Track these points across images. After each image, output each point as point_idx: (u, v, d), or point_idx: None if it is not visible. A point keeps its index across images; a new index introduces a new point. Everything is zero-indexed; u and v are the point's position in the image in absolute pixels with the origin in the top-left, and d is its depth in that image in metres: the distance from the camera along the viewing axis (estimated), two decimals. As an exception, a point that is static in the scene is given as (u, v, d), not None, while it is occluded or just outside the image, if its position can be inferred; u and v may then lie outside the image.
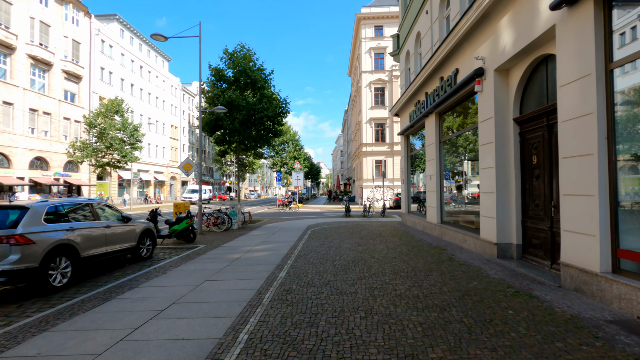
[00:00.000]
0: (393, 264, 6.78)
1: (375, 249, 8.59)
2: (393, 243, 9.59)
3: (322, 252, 8.42)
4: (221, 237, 11.92)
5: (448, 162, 10.58)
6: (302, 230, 13.08)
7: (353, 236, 11.16)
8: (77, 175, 34.05)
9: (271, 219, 19.17)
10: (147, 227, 8.46)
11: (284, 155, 40.16)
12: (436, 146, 10.75)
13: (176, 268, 7.08)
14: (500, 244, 6.77)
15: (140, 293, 5.33)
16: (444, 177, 10.71)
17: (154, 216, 10.57)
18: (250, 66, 17.34)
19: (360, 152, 37.20)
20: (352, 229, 13.18)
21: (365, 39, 35.51)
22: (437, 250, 8.26)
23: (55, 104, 31.55)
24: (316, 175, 78.30)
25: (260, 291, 5.21)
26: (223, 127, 16.67)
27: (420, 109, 11.90)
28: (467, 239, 8.23)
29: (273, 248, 9.28)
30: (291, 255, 8.13)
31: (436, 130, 10.77)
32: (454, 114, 9.94)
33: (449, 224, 10.04)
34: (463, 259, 7.08)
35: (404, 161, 15.33)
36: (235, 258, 7.98)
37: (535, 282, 5.19)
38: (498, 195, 6.78)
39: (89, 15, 35.96)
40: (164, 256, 8.64)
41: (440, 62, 9.51)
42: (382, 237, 10.96)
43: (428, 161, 11.50)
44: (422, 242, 9.67)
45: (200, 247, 9.86)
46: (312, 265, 6.92)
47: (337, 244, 9.64)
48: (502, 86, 6.86)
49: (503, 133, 6.82)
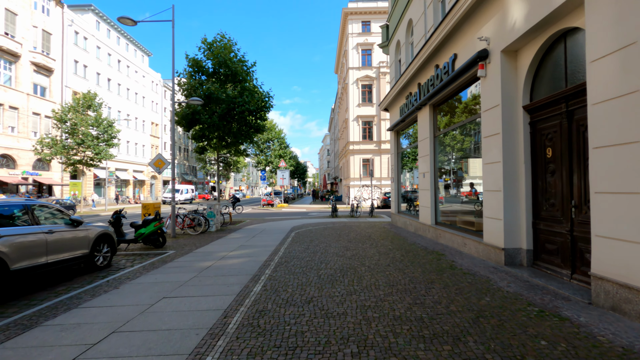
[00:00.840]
0: (387, 274, 5.87)
1: (365, 255, 7.67)
2: (384, 247, 8.70)
3: (306, 258, 7.45)
4: (196, 240, 10.82)
5: (444, 158, 9.77)
6: (286, 233, 12.08)
7: (340, 239, 10.24)
8: (48, 174, 32.07)
9: (254, 220, 18.09)
10: (104, 232, 7.32)
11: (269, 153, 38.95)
12: (430, 141, 9.92)
13: (133, 280, 6.00)
14: (509, 249, 5.94)
15: (75, 317, 4.25)
16: (439, 174, 9.90)
17: (118, 219, 9.39)
18: (230, 57, 16.19)
19: (347, 151, 36.38)
20: (340, 231, 12.26)
21: (352, 34, 34.68)
22: (434, 255, 7.40)
23: (24, 98, 29.54)
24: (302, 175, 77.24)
25: (228, 313, 4.21)
26: (201, 122, 15.49)
27: (412, 102, 11.07)
28: (467, 242, 7.40)
29: (251, 254, 8.26)
30: (270, 262, 7.13)
31: (430, 123, 9.94)
32: (450, 105, 9.12)
33: (444, 225, 9.22)
34: (466, 266, 6.23)
35: (394, 158, 14.51)
36: (206, 267, 6.93)
37: (559, 297, 4.36)
38: (506, 193, 5.95)
39: (61, 5, 33.94)
40: (125, 264, 7.52)
41: (436, 48, 8.67)
42: (371, 239, 10.07)
43: (421, 157, 10.68)
44: (416, 245, 8.82)
45: (169, 253, 8.76)
46: (293, 275, 5.95)
47: (323, 248, 8.69)
48: (510, 69, 6.04)
49: (511, 123, 5.99)
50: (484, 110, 6.60)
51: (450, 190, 9.56)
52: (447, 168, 9.70)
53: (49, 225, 6.01)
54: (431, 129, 9.93)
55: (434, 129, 9.93)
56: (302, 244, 9.51)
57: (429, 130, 9.96)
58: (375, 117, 34.32)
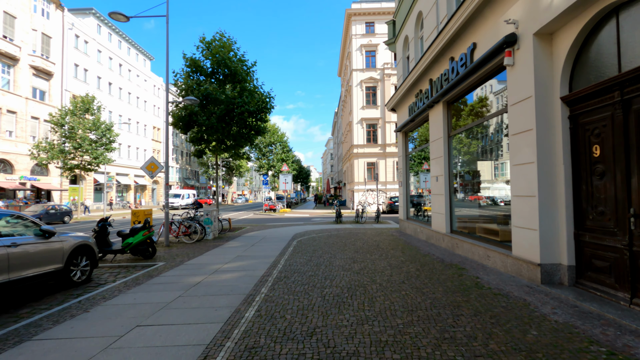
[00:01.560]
0: (403, 294, 5.01)
1: (375, 268, 6.82)
2: (396, 258, 7.84)
3: (309, 272, 6.61)
4: (190, 250, 10.01)
5: (462, 160, 8.92)
6: (287, 241, 11.25)
7: (346, 248, 9.38)
8: (47, 179, 31.52)
9: (254, 226, 17.27)
10: (82, 243, 6.53)
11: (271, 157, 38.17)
12: (444, 141, 9.08)
13: (108, 301, 5.18)
14: (546, 265, 5.07)
15: (22, 356, 3.43)
16: (454, 177, 9.04)
17: (103, 227, 8.61)
18: (230, 56, 15.50)
19: (351, 154, 35.57)
20: (345, 239, 11.40)
21: (355, 35, 34.02)
22: (454, 269, 6.53)
23: (22, 102, 29.07)
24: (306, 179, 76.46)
25: (210, 351, 3.38)
26: (198, 123, 14.77)
27: (423, 100, 10.26)
28: (491, 255, 6.52)
29: (248, 267, 7.42)
30: (268, 278, 6.30)
31: (444, 122, 9.10)
32: (468, 101, 8.28)
33: (462, 234, 8.34)
34: (494, 284, 5.35)
35: (402, 161, 13.66)
36: (195, 283, 6.11)
37: (624, 330, 3.48)
38: (541, 199, 5.09)
39: (62, 8, 33.60)
40: (107, 279, 6.72)
41: (451, 39, 7.86)
42: (380, 249, 9.21)
43: (434, 159, 9.83)
44: (431, 257, 7.95)
45: (158, 265, 7.95)
46: (293, 295, 5.11)
47: (328, 260, 7.85)
48: (545, 55, 5.20)
49: (546, 117, 5.15)
50: (512, 104, 5.76)
51: (466, 195, 8.69)
52: (463, 170, 8.85)
53: (12, 238, 5.22)
54: (445, 128, 9.09)
55: (449, 128, 9.08)
56: (305, 254, 8.67)
57: (442, 130, 9.12)
58: (379, 119, 33.52)
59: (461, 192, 8.96)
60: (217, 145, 16.25)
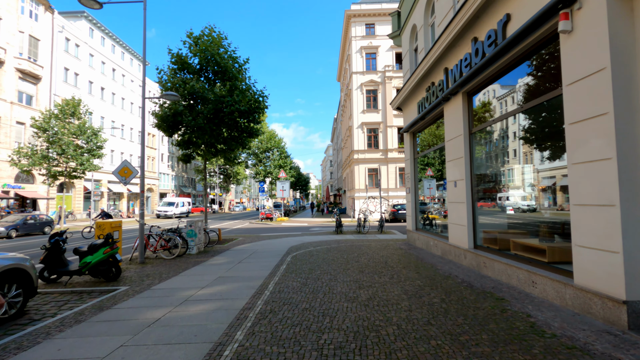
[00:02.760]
0: (434, 345, 3.54)
1: (388, 298, 5.34)
2: (411, 282, 6.36)
3: (303, 304, 5.13)
4: (165, 268, 8.52)
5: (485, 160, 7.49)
6: (280, 256, 9.76)
7: (349, 267, 7.90)
8: (33, 187, 30.01)
9: (247, 237, 15.77)
10: (12, 267, 5.06)
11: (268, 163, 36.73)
12: (464, 139, 7.67)
13: (20, 355, 3.70)
14: (634, 303, 3.61)
15: None
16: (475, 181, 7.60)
17: (56, 244, 7.13)
18: (220, 52, 14.17)
19: (351, 160, 34.18)
20: (347, 254, 9.92)
21: (355, 37, 32.89)
22: (491, 300, 5.05)
23: (7, 107, 27.72)
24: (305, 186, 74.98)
25: None
26: (183, 124, 13.37)
27: (436, 93, 8.89)
28: (538, 281, 5.05)
29: (227, 293, 5.94)
30: (249, 313, 4.81)
31: (464, 117, 7.71)
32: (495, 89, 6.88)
33: (490, 250, 6.87)
34: (558, 328, 3.88)
35: (410, 165, 12.24)
36: (152, 321, 4.63)
37: None
38: (626, 210, 3.65)
39: (52, 11, 32.49)
40: (48, 312, 5.27)
41: (475, 15, 6.51)
42: (390, 268, 7.72)
43: (451, 161, 8.41)
44: (454, 279, 6.47)
45: (119, 290, 6.47)
46: (278, 347, 3.63)
47: (327, 283, 6.37)
48: (624, 11, 3.82)
49: (629, 95, 3.74)
50: (571, 83, 4.35)
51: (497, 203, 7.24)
52: (489, 172, 7.42)
53: None
54: (466, 124, 7.68)
55: (470, 123, 7.68)
56: (299, 275, 7.18)
57: (462, 126, 7.71)
58: (381, 124, 32.21)
59: (487, 199, 7.51)
60: (207, 149, 14.83)
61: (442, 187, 11.20)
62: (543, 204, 5.75)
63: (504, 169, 6.90)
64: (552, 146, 5.44)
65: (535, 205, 5.96)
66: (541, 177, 5.73)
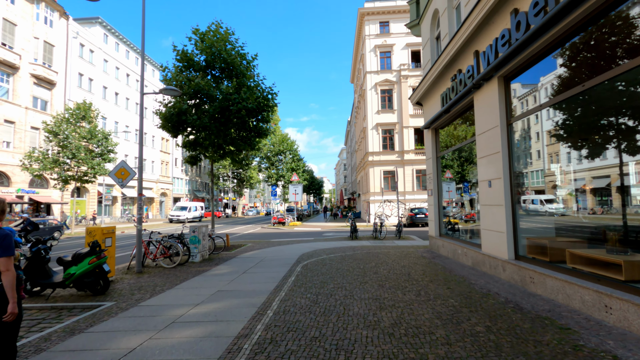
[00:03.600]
0: (493, 405, 2.50)
1: (418, 324, 4.29)
2: (443, 301, 5.28)
3: (312, 331, 4.15)
4: (163, 279, 7.69)
5: (525, 156, 6.37)
6: (289, 266, 8.80)
7: (367, 281, 6.87)
8: (47, 192, 30.08)
9: (257, 243, 14.90)
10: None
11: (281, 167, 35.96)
12: (501, 131, 6.57)
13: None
14: None
15: None
16: (515, 180, 6.47)
17: (37, 253, 6.37)
18: (227, 48, 13.43)
19: (366, 162, 33.06)
20: (364, 263, 8.88)
21: (369, 36, 31.91)
22: (553, 330, 3.93)
23: (22, 112, 27.91)
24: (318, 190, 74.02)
25: None
26: (188, 123, 12.64)
27: (464, 81, 7.81)
28: (615, 306, 3.91)
29: (223, 313, 5.01)
30: (244, 343, 3.86)
31: (500, 105, 6.61)
32: (542, 70, 5.78)
33: (538, 263, 5.72)
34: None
35: (432, 164, 11.12)
36: (126, 352, 3.73)
37: None
38: None
39: (66, 17, 32.79)
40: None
41: (516, -20, 5.45)
42: (414, 281, 6.65)
43: (483, 158, 7.30)
44: (495, 298, 5.35)
45: (103, 306, 5.64)
46: (275, 401, 2.65)
47: (341, 302, 5.35)
48: None
49: None
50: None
51: (541, 204, 6.10)
52: (530, 169, 6.29)
53: None
54: (503, 113, 6.58)
55: (507, 112, 6.57)
56: (309, 290, 6.19)
57: (498, 116, 6.62)
58: (396, 124, 31.03)
59: (529, 200, 6.37)
60: (215, 150, 14.06)
61: (462, 189, 10.17)
62: (610, 205, 4.61)
63: (552, 164, 5.78)
64: (622, 133, 4.32)
65: (598, 207, 4.82)
66: (601, 174, 4.61)
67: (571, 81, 5.06)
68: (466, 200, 10.43)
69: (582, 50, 4.87)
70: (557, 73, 5.38)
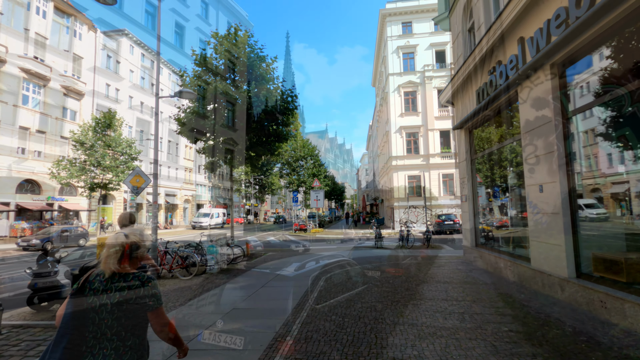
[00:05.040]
0: None
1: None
2: (495, 329, 4.41)
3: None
4: (174, 294, 7.16)
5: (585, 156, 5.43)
6: (312, 279, 8.09)
7: (399, 299, 6.05)
8: (75, 199, 30.86)
9: (277, 252, 14.31)
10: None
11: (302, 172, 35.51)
12: (556, 127, 5.65)
13: None
14: None
15: None
16: (574, 184, 5.52)
17: (43, 266, 5.99)
18: (247, 52, 13.06)
19: (389, 167, 32.04)
20: (393, 278, 8.04)
21: (391, 37, 31.08)
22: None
23: (52, 122, 28.84)
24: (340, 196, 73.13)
25: None
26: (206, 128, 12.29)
27: (506, 73, 6.93)
28: None
29: (236, 340, 4.36)
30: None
31: (554, 97, 5.70)
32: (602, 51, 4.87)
33: (610, 284, 4.75)
34: None
35: (466, 167, 10.18)
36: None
37: None
38: None
39: (94, 30, 33.90)
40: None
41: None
42: (454, 301, 5.79)
43: (532, 158, 6.37)
44: (560, 326, 4.44)
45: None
46: None
47: (372, 328, 4.58)
48: None
49: None
50: None
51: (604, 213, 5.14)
52: (593, 173, 5.34)
53: None
54: (557, 106, 5.67)
55: (563, 105, 5.66)
56: (334, 310, 5.46)
57: (551, 109, 5.71)
58: (421, 127, 29.90)
59: (590, 206, 5.41)
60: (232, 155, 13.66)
61: (492, 194, 9.30)
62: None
63: (620, 165, 4.83)
64: None
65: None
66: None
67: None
68: (496, 205, 9.52)
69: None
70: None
